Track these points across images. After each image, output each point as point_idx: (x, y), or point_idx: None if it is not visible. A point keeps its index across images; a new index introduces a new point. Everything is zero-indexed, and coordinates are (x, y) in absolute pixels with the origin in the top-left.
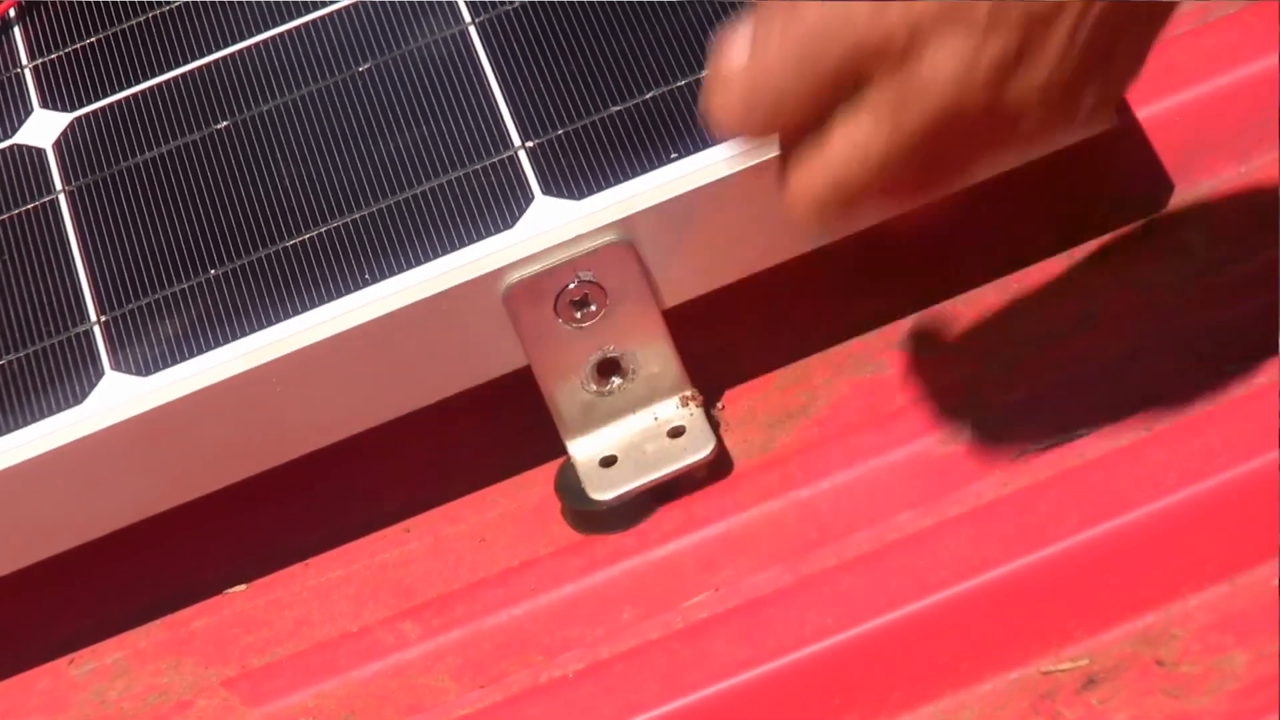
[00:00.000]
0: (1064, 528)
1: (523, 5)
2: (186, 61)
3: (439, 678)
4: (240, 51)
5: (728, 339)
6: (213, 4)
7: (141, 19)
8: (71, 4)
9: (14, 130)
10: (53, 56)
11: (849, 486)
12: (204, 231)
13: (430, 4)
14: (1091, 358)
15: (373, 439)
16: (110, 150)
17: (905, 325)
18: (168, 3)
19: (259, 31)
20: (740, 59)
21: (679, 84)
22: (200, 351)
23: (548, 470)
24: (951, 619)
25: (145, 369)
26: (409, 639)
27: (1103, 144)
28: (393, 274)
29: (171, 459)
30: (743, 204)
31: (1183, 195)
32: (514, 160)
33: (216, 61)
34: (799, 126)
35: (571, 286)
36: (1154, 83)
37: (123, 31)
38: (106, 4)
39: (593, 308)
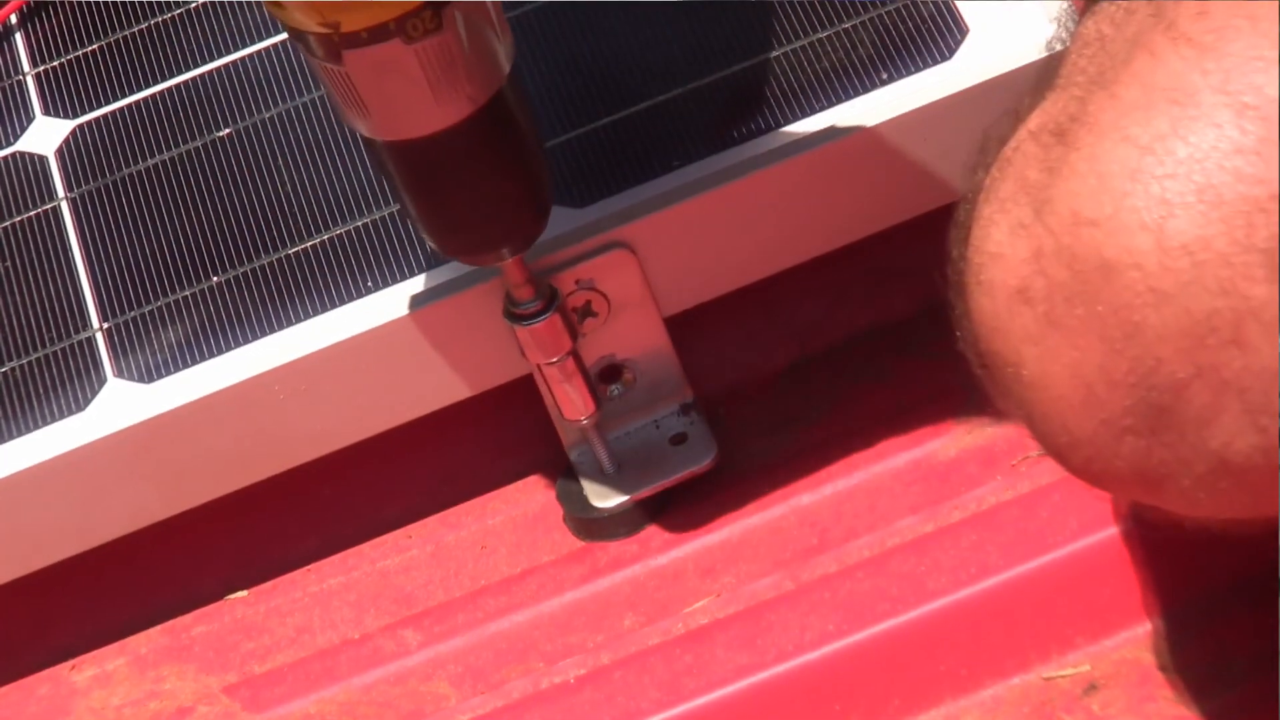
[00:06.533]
0: (1065, 533)
1: (524, 10)
2: (188, 69)
3: (440, 684)
4: (242, 59)
5: (729, 345)
6: (214, 11)
7: (143, 26)
8: (73, 11)
9: (16, 137)
10: (55, 63)
11: (850, 492)
12: (206, 238)
13: None
14: None
15: (375, 446)
16: (112, 157)
17: (907, 330)
18: (169, 10)
19: (261, 39)
20: None
21: (681, 90)
22: (203, 359)
23: (549, 477)
24: (953, 624)
25: (148, 376)
26: (410, 646)
27: None
28: (396, 281)
29: (174, 466)
30: (744, 212)
31: None
32: None
33: (218, 69)
34: None
35: (573, 294)
36: None
37: (124, 39)
38: (108, 12)
39: (595, 315)
